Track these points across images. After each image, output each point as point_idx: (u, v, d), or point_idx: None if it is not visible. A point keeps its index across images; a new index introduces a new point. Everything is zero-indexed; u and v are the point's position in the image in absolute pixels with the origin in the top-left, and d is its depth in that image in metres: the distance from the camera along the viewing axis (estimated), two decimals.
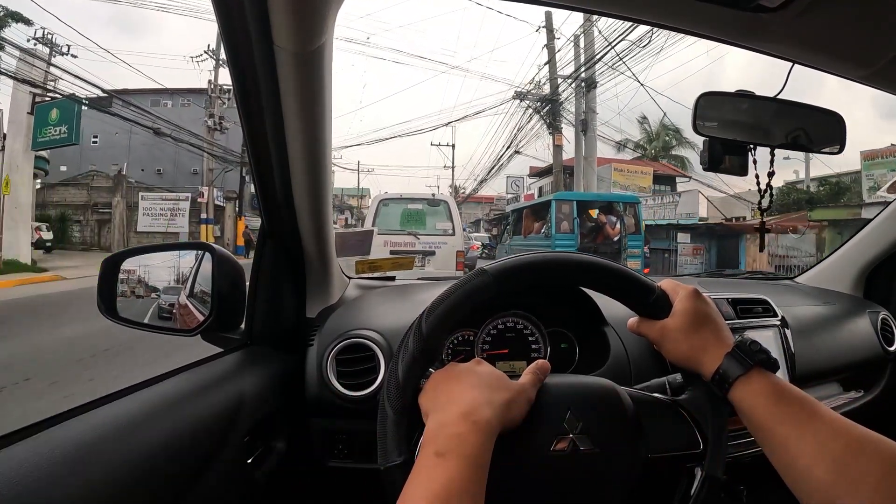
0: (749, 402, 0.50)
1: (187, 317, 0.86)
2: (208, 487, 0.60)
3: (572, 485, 0.51)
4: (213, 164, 20.79)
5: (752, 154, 0.81)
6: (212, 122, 19.79)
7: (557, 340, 0.94)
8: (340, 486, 0.90)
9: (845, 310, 1.26)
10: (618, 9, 0.62)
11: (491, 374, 0.53)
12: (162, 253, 0.91)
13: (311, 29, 0.56)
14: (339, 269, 1.06)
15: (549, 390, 0.54)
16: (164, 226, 22.22)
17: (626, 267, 0.60)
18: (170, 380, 0.67)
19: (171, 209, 22.81)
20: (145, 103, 19.26)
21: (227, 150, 20.37)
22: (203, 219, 21.13)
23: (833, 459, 0.44)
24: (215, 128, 19.81)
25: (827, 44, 0.60)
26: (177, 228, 22.32)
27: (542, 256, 0.57)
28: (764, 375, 0.50)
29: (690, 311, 0.56)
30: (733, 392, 0.51)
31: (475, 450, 0.44)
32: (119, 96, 16.76)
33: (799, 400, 0.49)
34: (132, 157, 25.35)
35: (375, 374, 0.83)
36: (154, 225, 22.51)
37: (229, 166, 21.21)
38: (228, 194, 23.18)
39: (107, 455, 0.50)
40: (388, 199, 6.99)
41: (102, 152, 25.93)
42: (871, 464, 0.43)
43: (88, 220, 23.06)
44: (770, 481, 0.51)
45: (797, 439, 0.46)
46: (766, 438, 0.49)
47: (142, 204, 22.71)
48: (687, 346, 0.55)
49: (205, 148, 19.85)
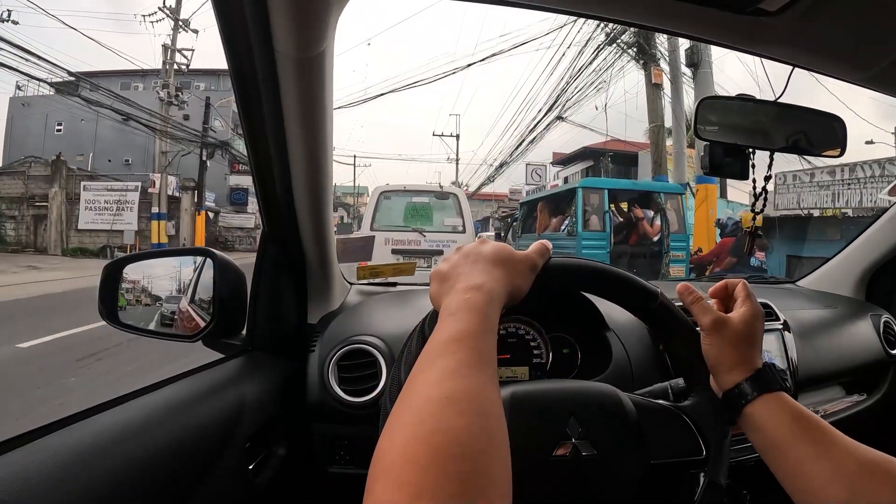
0: (764, 420, 0.51)
1: (188, 323, 0.86)
2: (209, 493, 0.60)
3: (574, 491, 0.51)
4: (166, 145, 16.89)
5: (752, 158, 0.81)
6: (165, 93, 16.18)
7: (559, 345, 0.94)
8: (341, 492, 0.89)
9: (847, 313, 1.26)
10: (617, 13, 0.62)
11: (494, 250, 0.53)
12: (163, 259, 0.91)
13: (312, 35, 0.56)
14: (340, 275, 1.06)
15: (550, 396, 0.54)
16: (110, 222, 18.44)
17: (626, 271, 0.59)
18: (171, 386, 0.66)
19: (118, 202, 18.79)
20: (115, 86, 17.50)
21: (181, 125, 16.63)
22: (155, 213, 17.35)
23: (849, 480, 0.45)
24: (170, 101, 16.25)
25: (826, 47, 0.60)
26: (123, 226, 18.57)
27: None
28: (780, 395, 0.52)
29: (749, 322, 0.56)
30: (752, 406, 0.52)
31: (482, 307, 0.45)
32: (86, 79, 15.12)
33: (815, 421, 0.49)
34: (99, 147, 22.91)
35: (377, 380, 0.83)
36: (98, 221, 18.67)
37: (185, 148, 17.10)
38: (185, 183, 19.18)
39: (107, 461, 0.50)
40: (390, 192, 6.15)
41: (66, 141, 22.93)
42: (885, 486, 0.44)
43: (24, 216, 19.09)
44: (773, 485, 0.50)
45: (814, 459, 0.47)
46: (780, 457, 0.49)
47: (84, 196, 18.71)
48: (729, 352, 0.55)
49: (156, 126, 16.13)
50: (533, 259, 0.54)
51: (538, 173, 21.48)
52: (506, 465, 0.34)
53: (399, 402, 0.37)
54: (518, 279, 0.52)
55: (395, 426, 0.34)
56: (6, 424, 2.85)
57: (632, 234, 7.37)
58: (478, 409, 0.35)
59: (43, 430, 0.49)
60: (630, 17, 0.62)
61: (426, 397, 0.35)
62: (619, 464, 0.52)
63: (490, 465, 0.32)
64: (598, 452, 0.51)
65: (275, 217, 0.82)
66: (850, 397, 1.15)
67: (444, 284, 0.51)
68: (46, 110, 22.06)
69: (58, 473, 0.45)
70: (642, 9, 0.59)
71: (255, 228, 23.81)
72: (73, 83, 15.13)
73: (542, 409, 0.52)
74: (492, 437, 0.34)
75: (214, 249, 0.85)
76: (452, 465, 0.30)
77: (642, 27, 0.65)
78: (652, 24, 0.63)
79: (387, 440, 0.34)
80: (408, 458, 0.31)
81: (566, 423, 0.51)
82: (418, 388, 0.37)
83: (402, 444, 0.32)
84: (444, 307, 0.47)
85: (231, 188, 24.92)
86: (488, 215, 29.50)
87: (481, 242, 0.55)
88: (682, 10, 0.56)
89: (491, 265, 0.51)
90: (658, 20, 0.62)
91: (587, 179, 10.25)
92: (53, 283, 10.00)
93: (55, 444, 0.49)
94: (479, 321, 0.43)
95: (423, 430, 0.32)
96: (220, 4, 0.55)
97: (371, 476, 0.32)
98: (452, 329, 0.42)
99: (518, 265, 0.52)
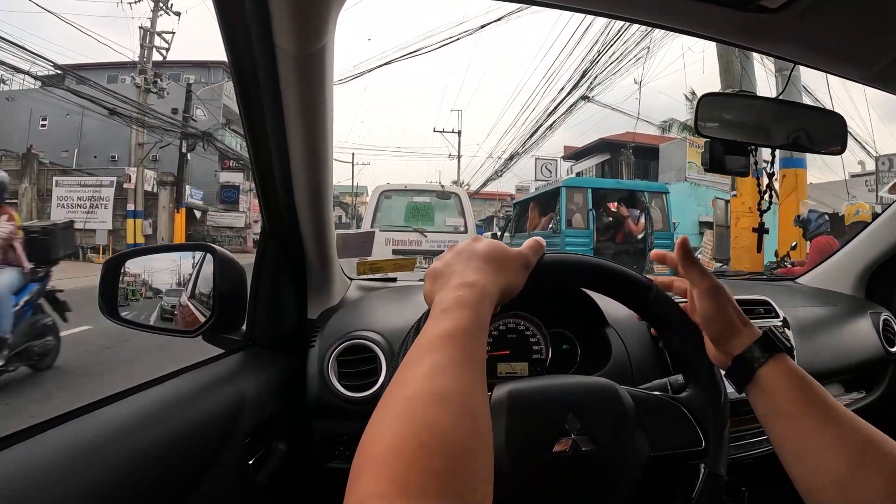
0: (775, 387, 0.51)
1: (189, 317, 0.86)
2: (209, 489, 0.60)
3: (574, 486, 0.51)
4: (143, 136, 15.46)
5: (753, 155, 0.81)
6: (142, 79, 14.96)
7: (559, 341, 0.94)
8: (341, 488, 0.89)
9: (847, 311, 1.26)
10: (618, 9, 0.62)
11: (487, 247, 0.53)
12: (163, 254, 0.91)
13: (312, 30, 0.56)
14: (340, 271, 1.06)
15: (548, 392, 0.54)
16: (83, 220, 16.04)
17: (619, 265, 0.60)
18: (171, 381, 0.67)
19: (92, 198, 17.22)
20: (101, 79, 16.10)
21: (160, 115, 15.13)
22: (130, 211, 16.10)
23: (852, 454, 0.45)
24: (147, 88, 15.05)
25: (828, 45, 0.60)
26: (97, 224, 16.72)
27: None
28: (791, 361, 0.52)
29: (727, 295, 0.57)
30: (765, 369, 0.52)
31: (476, 305, 0.45)
32: (72, 72, 14.42)
33: (822, 392, 0.50)
34: (85, 142, 21.55)
35: (377, 375, 0.83)
36: (70, 219, 16.39)
37: (164, 139, 15.64)
38: (164, 178, 17.75)
39: (107, 457, 0.50)
40: (391, 191, 6.18)
41: (52, 136, 21.65)
42: (885, 461, 0.44)
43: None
44: (771, 482, 0.51)
45: (820, 430, 0.47)
46: (786, 425, 0.50)
47: (56, 192, 17.14)
48: (727, 313, 0.55)
49: (133, 115, 14.63)
50: (526, 256, 0.54)
51: (548, 168, 20.63)
52: (489, 464, 0.34)
53: (388, 395, 0.37)
54: (511, 276, 0.52)
55: (384, 418, 0.35)
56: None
57: (617, 232, 7.51)
58: (465, 408, 0.35)
59: (43, 426, 0.49)
60: (632, 14, 0.62)
61: (415, 392, 0.36)
62: (619, 458, 0.52)
63: (475, 464, 0.33)
64: (598, 447, 0.51)
65: (275, 212, 0.82)
66: (849, 395, 1.15)
67: (437, 282, 0.51)
68: (31, 105, 20.78)
69: (58, 469, 0.45)
70: (644, 6, 0.59)
71: (246, 228, 23.05)
72: (59, 76, 14.57)
73: (541, 406, 0.52)
74: (477, 437, 0.35)
75: (214, 245, 0.85)
76: (439, 462, 0.31)
77: (644, 24, 0.65)
78: (654, 21, 0.63)
79: (374, 432, 0.34)
80: (395, 451, 0.31)
81: (565, 419, 0.51)
82: (408, 383, 0.38)
83: (390, 437, 0.32)
84: (437, 303, 0.47)
85: (222, 185, 23.89)
86: (491, 214, 28.17)
87: (475, 240, 0.55)
88: (683, 8, 0.56)
89: (483, 263, 0.51)
90: (660, 17, 0.61)
91: (570, 179, 10.36)
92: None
93: (56, 439, 0.49)
94: (471, 319, 0.44)
95: (411, 425, 0.33)
96: (220, 1, 0.54)
97: (357, 465, 0.32)
98: (443, 326, 0.43)
99: (511, 262, 0.53)
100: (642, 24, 0.65)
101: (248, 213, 23.33)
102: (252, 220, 22.98)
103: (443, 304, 0.46)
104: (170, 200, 17.89)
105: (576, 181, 9.10)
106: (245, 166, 21.75)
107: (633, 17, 0.62)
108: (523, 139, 15.10)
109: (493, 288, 0.49)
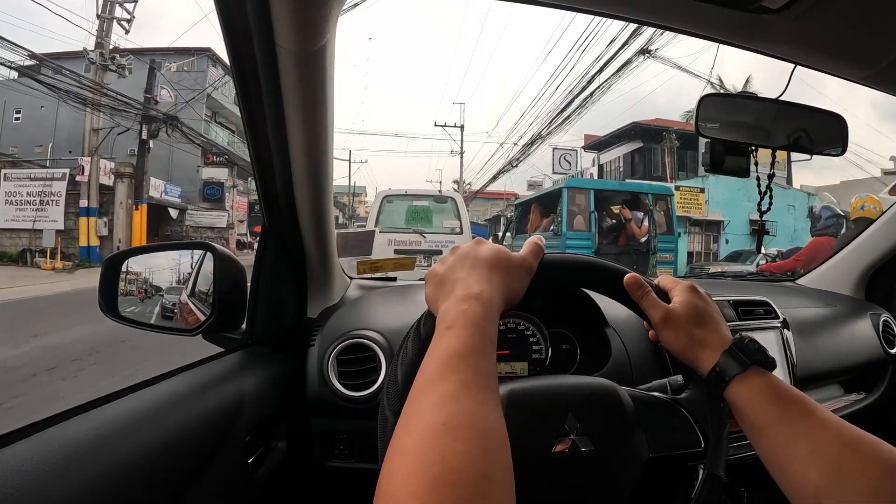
0: (745, 402, 0.49)
1: (189, 316, 0.86)
2: (209, 487, 0.60)
3: (574, 486, 0.51)
4: (98, 121, 13.23)
5: (753, 156, 0.81)
6: (98, 55, 12.78)
7: (559, 341, 0.94)
8: (341, 486, 0.90)
9: (847, 312, 1.26)
10: (620, 10, 0.62)
11: (491, 254, 0.53)
12: (163, 253, 0.91)
13: (313, 29, 0.56)
14: (340, 270, 1.06)
15: (547, 392, 0.54)
16: (31, 219, 14.40)
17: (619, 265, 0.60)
18: (170, 379, 0.67)
19: (41, 193, 14.70)
20: (79, 68, 13.54)
21: (116, 93, 12.96)
22: (83, 208, 13.88)
23: (828, 463, 0.43)
24: (105, 65, 12.89)
25: (828, 45, 0.60)
26: (47, 224, 14.45)
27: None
28: (761, 374, 0.50)
29: (690, 305, 0.55)
30: (729, 390, 0.50)
31: (481, 320, 0.45)
32: (50, 60, 12.77)
33: (795, 400, 0.48)
34: (60, 138, 18.41)
35: (376, 374, 0.83)
36: (18, 218, 14.65)
37: (121, 125, 13.33)
38: (121, 169, 14.99)
39: (107, 454, 0.50)
40: (393, 196, 6.75)
41: (25, 131, 19.37)
42: (866, 465, 0.42)
43: None
44: (770, 483, 0.51)
45: (793, 441, 0.46)
46: (761, 439, 0.48)
47: (4, 187, 14.79)
48: (687, 339, 0.54)
49: (87, 98, 12.48)
50: (529, 262, 0.54)
51: (568, 160, 18.15)
52: (508, 482, 0.34)
53: (399, 430, 0.38)
54: (515, 284, 0.52)
55: (396, 455, 0.35)
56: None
57: (620, 235, 7.51)
58: (477, 431, 0.36)
59: (44, 423, 0.50)
60: (633, 14, 0.62)
61: (425, 424, 0.36)
62: (618, 458, 0.52)
63: (490, 486, 0.33)
64: (597, 447, 0.51)
65: (275, 211, 0.82)
66: (848, 396, 1.16)
67: (440, 288, 0.50)
68: (4, 97, 18.77)
69: (59, 466, 0.45)
70: (645, 6, 0.59)
71: (228, 228, 21.34)
72: (34, 66, 12.97)
73: (540, 406, 0.52)
74: (492, 459, 0.35)
75: (215, 244, 0.85)
76: (450, 494, 0.31)
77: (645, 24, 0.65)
78: (655, 21, 0.63)
79: (387, 470, 0.35)
80: (407, 490, 0.32)
81: (564, 419, 0.51)
82: (417, 415, 0.38)
83: (402, 475, 0.33)
84: (442, 316, 0.47)
85: (205, 182, 21.57)
86: (497, 213, 26.18)
87: (477, 243, 0.55)
88: (685, 8, 0.56)
89: (488, 270, 0.50)
90: (661, 17, 0.62)
91: (573, 180, 10.29)
92: None
93: (56, 436, 0.49)
94: (479, 337, 0.43)
95: (421, 461, 0.33)
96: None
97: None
98: (452, 345, 0.42)
99: (516, 270, 0.52)
100: (643, 24, 0.65)
101: (232, 212, 21.86)
102: (236, 220, 21.55)
103: (448, 319, 0.45)
104: (128, 196, 15.06)
105: (578, 182, 9.16)
106: (230, 161, 20.66)
107: (633, 16, 0.62)
108: (546, 121, 13.23)
109: (499, 298, 0.48)
